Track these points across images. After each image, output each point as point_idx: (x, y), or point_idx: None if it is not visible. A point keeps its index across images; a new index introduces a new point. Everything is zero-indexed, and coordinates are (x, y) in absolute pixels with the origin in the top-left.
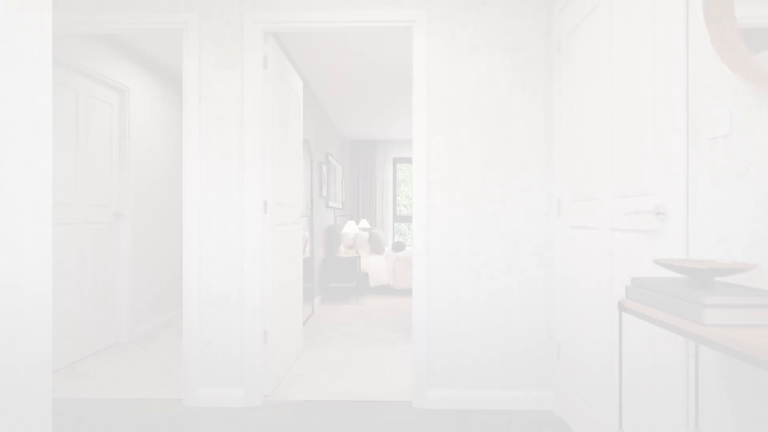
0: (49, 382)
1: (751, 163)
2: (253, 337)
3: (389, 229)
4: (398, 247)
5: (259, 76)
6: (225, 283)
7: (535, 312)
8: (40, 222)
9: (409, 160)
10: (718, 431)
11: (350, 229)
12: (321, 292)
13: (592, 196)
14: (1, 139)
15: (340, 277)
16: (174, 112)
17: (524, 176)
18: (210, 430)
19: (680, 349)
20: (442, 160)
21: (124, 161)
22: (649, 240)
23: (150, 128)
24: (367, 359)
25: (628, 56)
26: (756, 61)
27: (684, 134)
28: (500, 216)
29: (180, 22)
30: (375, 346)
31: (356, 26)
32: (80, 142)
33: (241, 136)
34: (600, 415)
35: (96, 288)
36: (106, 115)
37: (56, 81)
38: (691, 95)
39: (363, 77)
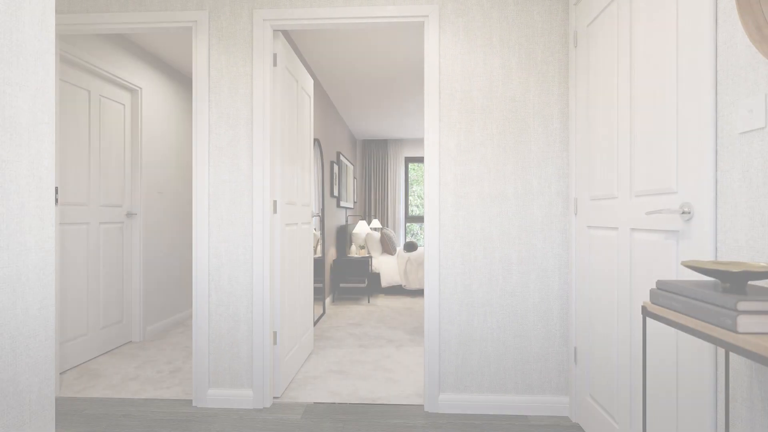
0: (52, 382)
1: None
2: (263, 337)
3: (401, 229)
4: (410, 247)
5: (269, 74)
6: (235, 283)
7: (551, 314)
8: (42, 219)
9: (421, 160)
10: None
11: (362, 228)
12: (332, 292)
13: (611, 194)
14: (1, 135)
15: (352, 277)
16: (185, 111)
17: (539, 174)
18: None
19: (708, 356)
20: (455, 158)
21: (136, 161)
22: (674, 241)
23: (162, 128)
24: (378, 361)
25: (650, 47)
26: None
27: (712, 128)
28: (514, 215)
29: (190, 20)
30: (386, 347)
31: (367, 22)
32: (93, 142)
33: (251, 134)
34: (619, 423)
35: (108, 287)
36: (118, 115)
37: (69, 81)
38: (719, 87)
39: (374, 75)
